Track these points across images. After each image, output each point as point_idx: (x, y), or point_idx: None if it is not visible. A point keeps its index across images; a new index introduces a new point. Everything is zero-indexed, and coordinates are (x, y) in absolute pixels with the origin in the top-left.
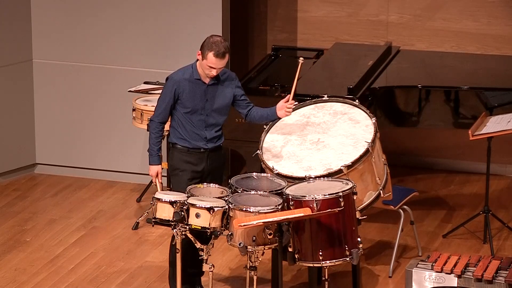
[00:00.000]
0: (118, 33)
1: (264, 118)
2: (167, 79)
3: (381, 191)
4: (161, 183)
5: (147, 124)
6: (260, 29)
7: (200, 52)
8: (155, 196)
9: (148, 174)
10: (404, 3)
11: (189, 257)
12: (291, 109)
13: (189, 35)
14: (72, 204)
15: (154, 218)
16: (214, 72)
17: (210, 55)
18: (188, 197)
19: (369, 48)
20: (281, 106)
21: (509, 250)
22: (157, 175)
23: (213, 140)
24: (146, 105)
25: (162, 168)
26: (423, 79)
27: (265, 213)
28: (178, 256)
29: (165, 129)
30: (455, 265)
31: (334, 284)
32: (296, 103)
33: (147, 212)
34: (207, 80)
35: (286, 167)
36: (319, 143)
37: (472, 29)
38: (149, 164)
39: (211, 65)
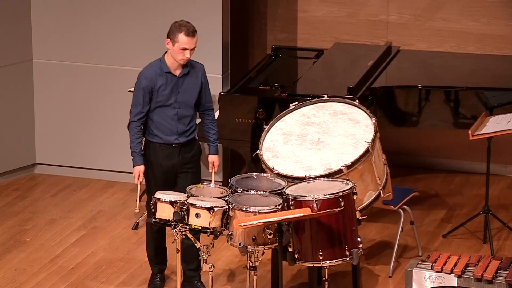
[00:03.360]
0: (118, 33)
1: (205, 136)
2: (138, 76)
3: (381, 191)
4: (141, 183)
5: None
6: (260, 29)
7: (168, 39)
8: (155, 196)
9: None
10: (404, 3)
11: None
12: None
13: None
14: (72, 204)
15: (154, 218)
16: (187, 54)
17: (181, 35)
18: (188, 197)
19: (369, 48)
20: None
21: (509, 250)
22: (139, 176)
23: (185, 134)
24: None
25: None
26: (423, 79)
27: (265, 213)
28: (178, 256)
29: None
30: (455, 265)
31: (334, 284)
32: None
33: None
34: (177, 72)
35: (286, 167)
36: (319, 143)
37: (472, 29)
38: (133, 166)
39: (183, 46)
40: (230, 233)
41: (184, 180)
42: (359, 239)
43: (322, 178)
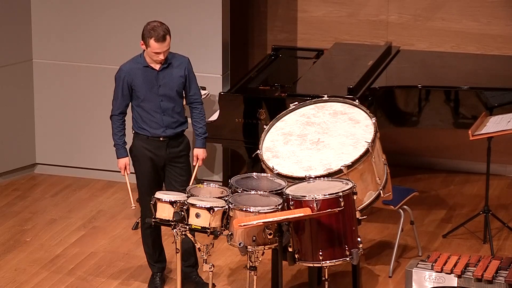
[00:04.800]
0: (118, 33)
1: (193, 129)
2: (118, 70)
3: (381, 191)
4: (129, 174)
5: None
6: (260, 29)
7: (142, 42)
8: (155, 196)
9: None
10: (404, 3)
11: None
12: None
13: (189, 35)
14: (72, 204)
15: (154, 218)
16: (161, 56)
17: (152, 41)
18: (188, 197)
19: (369, 48)
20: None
21: (509, 250)
22: (125, 168)
23: (172, 126)
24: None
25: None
26: (423, 79)
27: (265, 213)
28: (178, 256)
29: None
30: (455, 265)
31: (334, 284)
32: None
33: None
34: (157, 67)
35: (286, 167)
36: (319, 143)
37: (472, 29)
38: (117, 158)
39: (155, 50)
40: (230, 233)
41: (172, 175)
42: (359, 239)
43: (322, 178)
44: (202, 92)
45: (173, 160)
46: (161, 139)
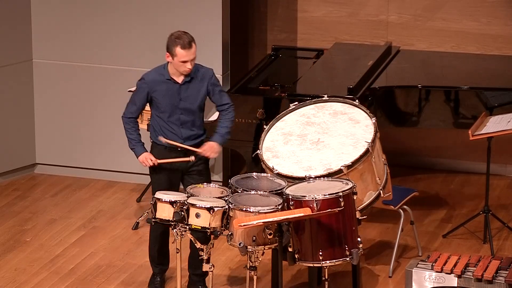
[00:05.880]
0: (118, 33)
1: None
2: (141, 77)
3: (381, 191)
4: (157, 163)
5: (147, 124)
6: (260, 29)
7: (168, 53)
8: (155, 196)
9: (147, 174)
10: (404, 3)
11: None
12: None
13: None
14: (72, 204)
15: (154, 218)
16: (189, 66)
17: (178, 49)
18: (188, 197)
19: (369, 48)
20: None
21: (509, 250)
22: (151, 159)
23: (190, 138)
24: (146, 105)
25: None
26: (423, 79)
27: (265, 213)
28: (179, 256)
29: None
30: (455, 265)
31: (334, 284)
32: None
33: (147, 212)
34: (180, 80)
35: (286, 167)
36: (319, 143)
37: (472, 29)
38: (137, 156)
39: (182, 59)
40: (230, 233)
41: (192, 184)
42: (359, 239)
43: (322, 178)
44: None
45: (191, 169)
46: (179, 149)
